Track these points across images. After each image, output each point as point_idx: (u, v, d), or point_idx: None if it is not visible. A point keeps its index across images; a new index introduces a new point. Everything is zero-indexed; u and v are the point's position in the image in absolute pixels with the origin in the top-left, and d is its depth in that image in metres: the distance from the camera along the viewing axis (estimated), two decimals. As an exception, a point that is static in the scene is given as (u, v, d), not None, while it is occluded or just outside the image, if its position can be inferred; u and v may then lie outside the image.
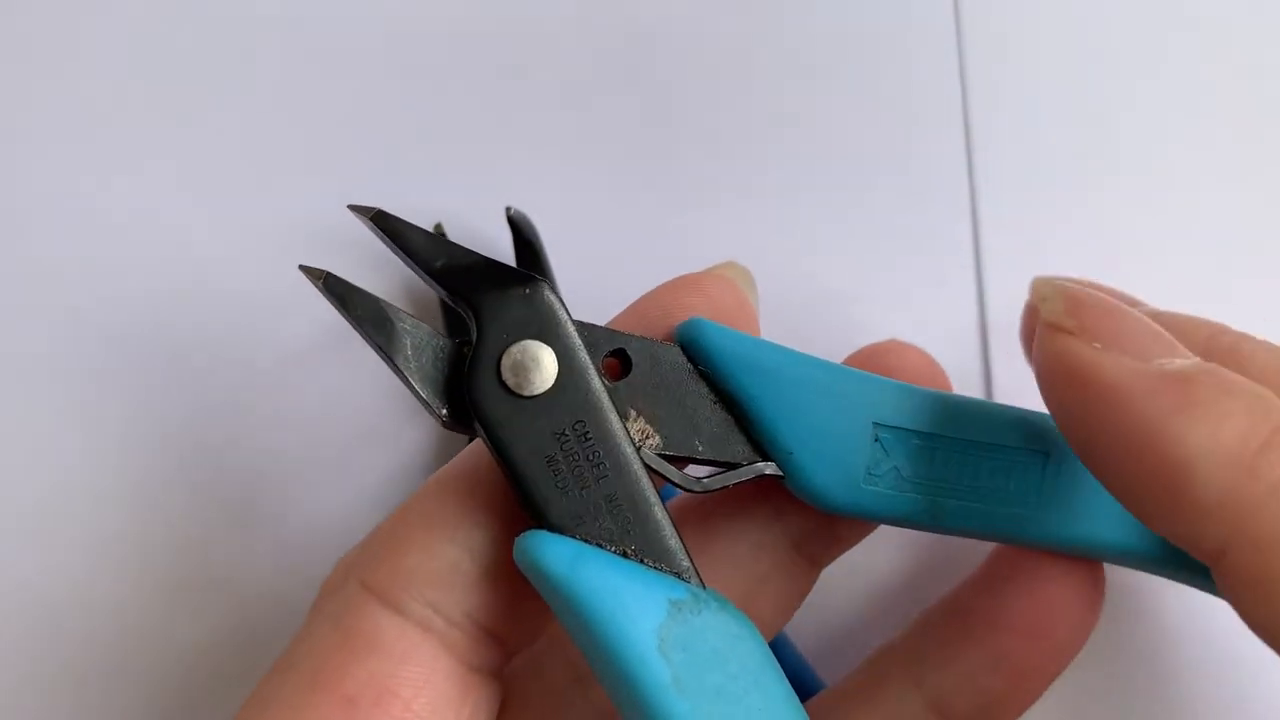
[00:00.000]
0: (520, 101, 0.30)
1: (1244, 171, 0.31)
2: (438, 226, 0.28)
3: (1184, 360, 0.18)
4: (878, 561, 0.28)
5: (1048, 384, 0.19)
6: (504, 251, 0.28)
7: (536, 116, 0.30)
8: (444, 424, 0.19)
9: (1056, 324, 0.19)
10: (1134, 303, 0.22)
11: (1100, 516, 0.21)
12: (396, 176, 0.30)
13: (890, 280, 0.30)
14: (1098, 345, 0.18)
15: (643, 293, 0.29)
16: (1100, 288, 0.23)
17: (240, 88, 0.30)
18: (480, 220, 0.29)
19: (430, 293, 0.29)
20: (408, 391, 0.27)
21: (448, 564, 0.19)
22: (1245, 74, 0.31)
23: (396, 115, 0.30)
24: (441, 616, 0.19)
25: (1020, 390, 0.24)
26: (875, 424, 0.20)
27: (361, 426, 0.29)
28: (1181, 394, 0.17)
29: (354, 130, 0.30)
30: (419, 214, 0.29)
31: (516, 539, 0.19)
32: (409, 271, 0.29)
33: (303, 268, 0.20)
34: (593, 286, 0.29)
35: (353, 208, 0.20)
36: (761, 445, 0.20)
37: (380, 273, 0.29)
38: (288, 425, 0.29)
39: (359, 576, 0.19)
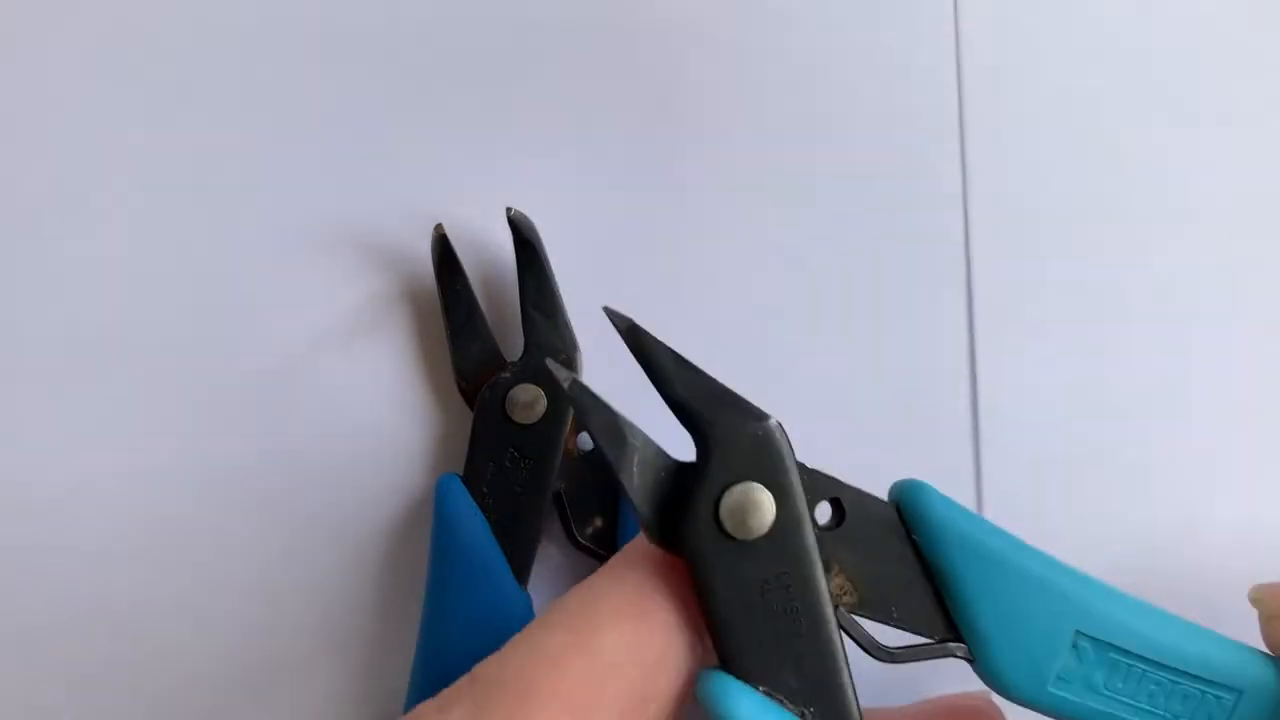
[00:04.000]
0: (521, 102, 0.30)
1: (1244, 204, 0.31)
2: (438, 227, 0.28)
3: None
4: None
5: None
6: (505, 252, 0.28)
7: (537, 117, 0.30)
8: (653, 540, 0.19)
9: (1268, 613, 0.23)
10: None
11: None
12: (397, 176, 0.30)
13: (884, 275, 0.30)
14: None
15: (639, 292, 0.29)
16: None
17: (241, 89, 0.30)
18: (480, 220, 0.29)
19: (433, 298, 0.29)
20: (412, 395, 0.27)
21: None
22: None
23: (397, 116, 0.30)
24: None
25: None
26: (1077, 631, 0.20)
27: (363, 425, 0.29)
28: None
29: (354, 130, 0.30)
30: (419, 214, 0.29)
31: (700, 673, 0.19)
32: (406, 277, 0.30)
33: (549, 363, 0.20)
34: (593, 286, 0.29)
35: (608, 310, 0.21)
36: (957, 624, 0.20)
37: (379, 274, 0.29)
38: (289, 424, 0.29)
39: None
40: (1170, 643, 0.21)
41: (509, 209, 0.28)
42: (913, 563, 0.20)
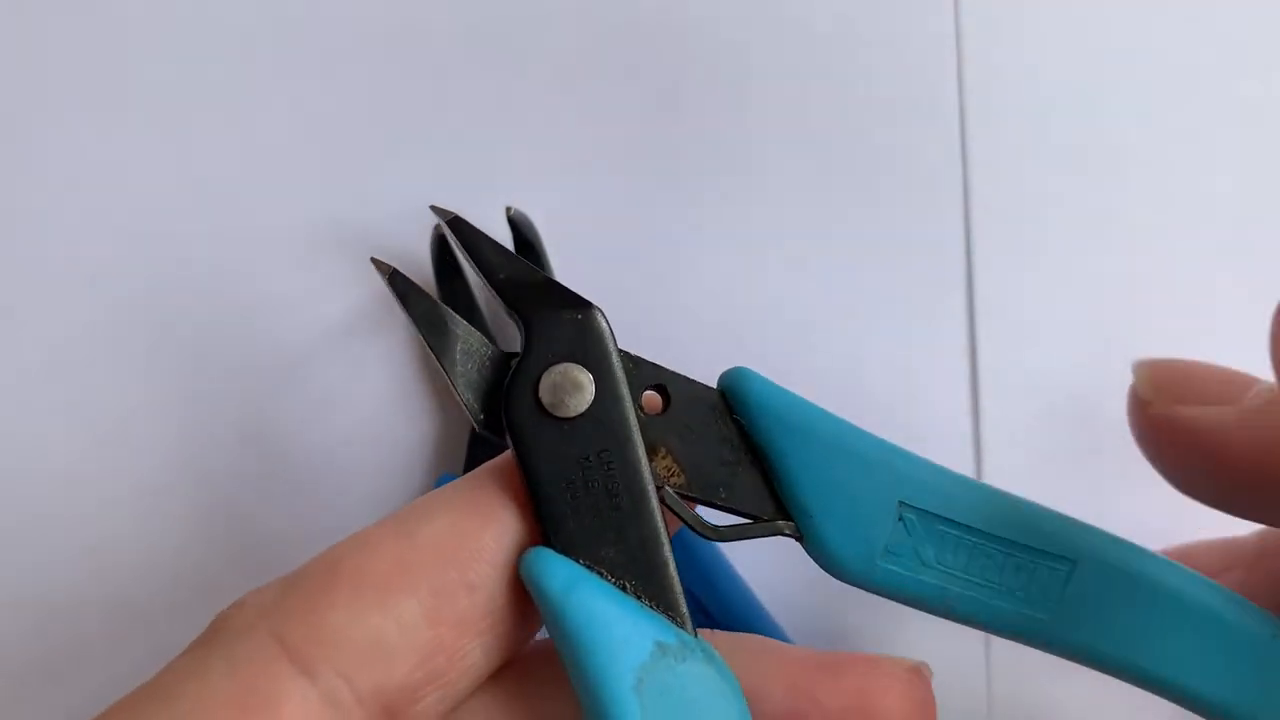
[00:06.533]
0: (521, 100, 0.30)
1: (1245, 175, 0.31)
2: (438, 227, 0.28)
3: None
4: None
5: (1152, 453, 0.22)
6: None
7: (537, 115, 0.30)
8: (479, 429, 0.20)
9: (1145, 397, 0.21)
10: (1248, 380, 0.22)
11: (1119, 634, 0.20)
12: (396, 176, 0.30)
13: (884, 281, 0.30)
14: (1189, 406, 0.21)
15: (641, 291, 0.29)
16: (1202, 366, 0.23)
17: (241, 88, 0.30)
18: (480, 220, 0.29)
19: (430, 280, 0.29)
20: (412, 395, 0.27)
21: (372, 634, 0.18)
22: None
23: (396, 115, 0.30)
24: (351, 690, 0.17)
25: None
26: (901, 502, 0.20)
27: (363, 426, 0.29)
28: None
29: (353, 130, 0.30)
30: (418, 214, 0.29)
31: (523, 553, 0.19)
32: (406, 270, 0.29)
33: (374, 260, 0.20)
34: (592, 286, 0.29)
35: (434, 208, 0.21)
36: (784, 503, 0.20)
37: (379, 274, 0.29)
38: (289, 424, 0.29)
39: (273, 626, 0.17)
40: (998, 513, 0.20)
41: (509, 208, 0.28)
42: (738, 445, 0.20)
